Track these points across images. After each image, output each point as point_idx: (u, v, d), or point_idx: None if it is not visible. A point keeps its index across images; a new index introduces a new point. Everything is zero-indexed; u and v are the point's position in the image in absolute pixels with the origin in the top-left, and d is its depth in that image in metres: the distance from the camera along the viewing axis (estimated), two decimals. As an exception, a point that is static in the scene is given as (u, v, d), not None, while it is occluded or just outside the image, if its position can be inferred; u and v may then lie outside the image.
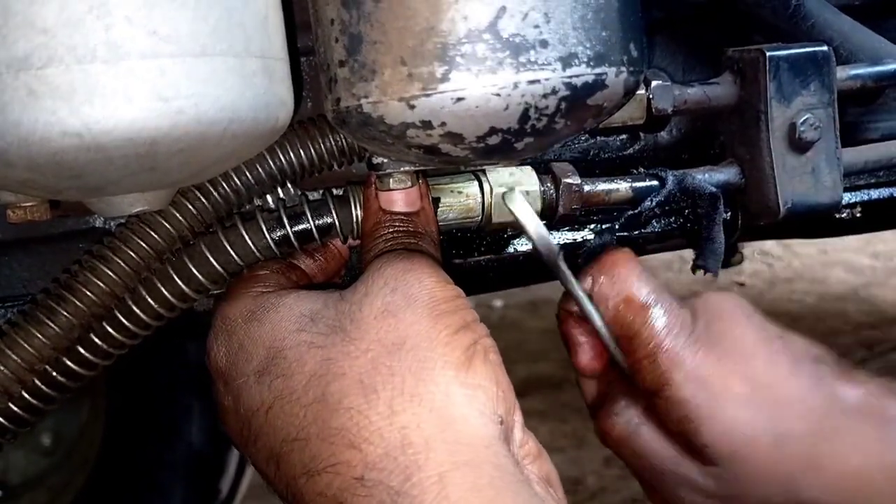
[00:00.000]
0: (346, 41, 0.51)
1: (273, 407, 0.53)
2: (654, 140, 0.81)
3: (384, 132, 0.52)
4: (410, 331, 0.52)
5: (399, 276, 0.54)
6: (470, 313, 0.55)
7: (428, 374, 0.50)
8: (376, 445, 0.49)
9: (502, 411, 0.52)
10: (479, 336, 0.54)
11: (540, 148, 0.55)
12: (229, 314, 0.58)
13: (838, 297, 2.83)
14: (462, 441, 0.49)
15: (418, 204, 0.62)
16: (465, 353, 0.52)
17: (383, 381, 0.50)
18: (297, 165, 0.65)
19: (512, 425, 0.53)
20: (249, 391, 0.54)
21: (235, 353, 0.56)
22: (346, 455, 0.49)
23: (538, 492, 0.51)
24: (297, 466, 0.51)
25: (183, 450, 1.64)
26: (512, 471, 0.49)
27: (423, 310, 0.53)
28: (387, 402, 0.50)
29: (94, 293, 0.62)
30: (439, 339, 0.52)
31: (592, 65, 0.50)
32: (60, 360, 0.63)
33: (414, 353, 0.51)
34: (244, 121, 0.48)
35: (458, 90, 0.49)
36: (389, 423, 0.49)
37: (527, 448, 0.53)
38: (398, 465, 0.48)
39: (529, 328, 2.75)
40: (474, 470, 0.48)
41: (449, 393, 0.50)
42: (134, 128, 0.44)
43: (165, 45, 0.45)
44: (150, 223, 0.62)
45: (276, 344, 0.54)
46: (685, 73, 0.81)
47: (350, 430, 0.49)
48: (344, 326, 0.53)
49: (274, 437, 0.52)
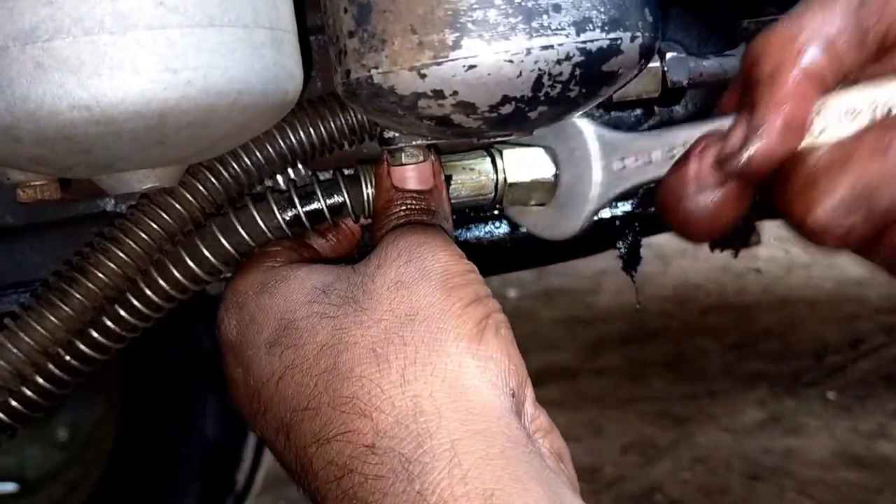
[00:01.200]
0: (355, 11, 0.50)
1: (283, 377, 0.52)
2: (669, 114, 0.79)
3: (395, 103, 0.51)
4: (423, 302, 0.51)
5: (413, 249, 0.54)
6: (483, 288, 0.54)
7: (440, 345, 0.50)
8: (388, 414, 0.48)
9: (514, 384, 0.51)
10: (492, 310, 0.53)
11: (554, 117, 0.54)
12: (240, 287, 0.58)
13: (856, 282, 2.81)
14: (474, 411, 0.48)
15: (431, 181, 0.62)
16: (478, 326, 0.51)
17: (395, 351, 0.50)
18: (307, 145, 0.65)
19: (523, 399, 0.52)
20: (260, 362, 0.54)
21: (246, 324, 0.56)
22: (356, 423, 0.49)
23: (550, 465, 0.50)
24: (307, 435, 0.50)
25: (198, 442, 1.64)
26: (524, 442, 0.49)
27: (436, 282, 0.52)
28: (399, 371, 0.49)
29: (106, 275, 0.61)
30: (452, 311, 0.51)
31: (607, 29, 0.48)
32: (73, 344, 0.63)
33: (427, 324, 0.51)
34: (253, 93, 0.47)
35: (469, 57, 0.48)
36: (401, 391, 0.49)
37: (538, 423, 0.52)
38: (410, 433, 0.47)
39: (544, 318, 2.74)
40: (486, 439, 0.47)
41: (461, 363, 0.50)
42: (142, 100, 0.44)
43: (173, 16, 0.44)
44: (161, 205, 0.62)
45: (288, 315, 0.54)
46: (700, 45, 0.80)
47: (361, 398, 0.49)
48: (356, 297, 0.53)
49: (284, 407, 0.52)
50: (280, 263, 0.59)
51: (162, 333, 1.55)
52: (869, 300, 2.67)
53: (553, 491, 0.47)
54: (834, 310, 2.62)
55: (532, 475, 0.47)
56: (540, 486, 0.46)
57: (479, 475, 0.46)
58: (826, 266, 2.95)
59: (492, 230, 0.79)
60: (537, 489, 0.46)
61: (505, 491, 0.45)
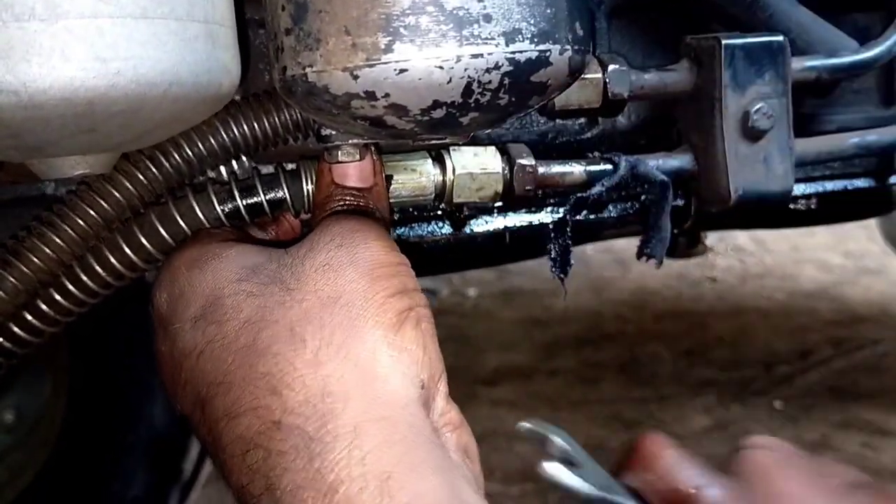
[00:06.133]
0: (292, 9, 0.51)
1: (204, 351, 0.53)
2: (612, 125, 0.81)
3: (329, 102, 0.52)
4: (348, 287, 0.52)
5: (346, 234, 0.55)
6: (411, 281, 0.55)
7: (357, 332, 0.51)
8: (297, 392, 0.49)
9: (425, 377, 0.52)
10: (416, 304, 0.54)
11: (486, 123, 0.55)
12: (174, 262, 0.58)
13: (809, 294, 2.86)
14: (381, 398, 0.49)
15: (371, 180, 0.63)
16: (398, 317, 0.52)
17: (313, 332, 0.51)
18: (250, 138, 0.65)
19: (435, 393, 0.53)
20: (184, 336, 0.54)
21: (176, 299, 0.56)
22: (266, 399, 0.49)
23: (453, 458, 0.51)
24: (220, 409, 0.51)
25: (145, 430, 1.63)
26: (427, 433, 0.50)
27: (363, 269, 0.53)
28: (313, 352, 0.50)
29: (40, 259, 0.62)
30: (375, 299, 0.52)
31: (536, 41, 0.50)
32: (5, 326, 0.63)
33: (347, 309, 0.51)
34: (184, 84, 0.48)
35: (401, 61, 0.49)
36: (313, 371, 0.49)
37: (447, 417, 0.53)
38: (316, 412, 0.48)
39: (502, 318, 2.76)
40: (389, 426, 0.48)
41: (375, 351, 0.51)
42: (71, 87, 0.44)
43: (105, 6, 0.44)
44: (100, 191, 0.62)
45: (216, 292, 0.54)
46: (645, 58, 0.82)
47: (274, 375, 0.50)
48: (284, 278, 0.53)
49: (202, 380, 0.53)
50: (215, 241, 0.59)
51: (113, 320, 1.53)
52: (820, 313, 2.72)
53: (449, 481, 0.48)
54: (785, 321, 2.67)
55: (431, 464, 0.48)
56: (437, 475, 0.48)
57: (378, 459, 0.47)
58: (779, 278, 3.01)
59: (434, 230, 0.81)
60: (433, 477, 0.47)
61: (401, 475, 0.46)
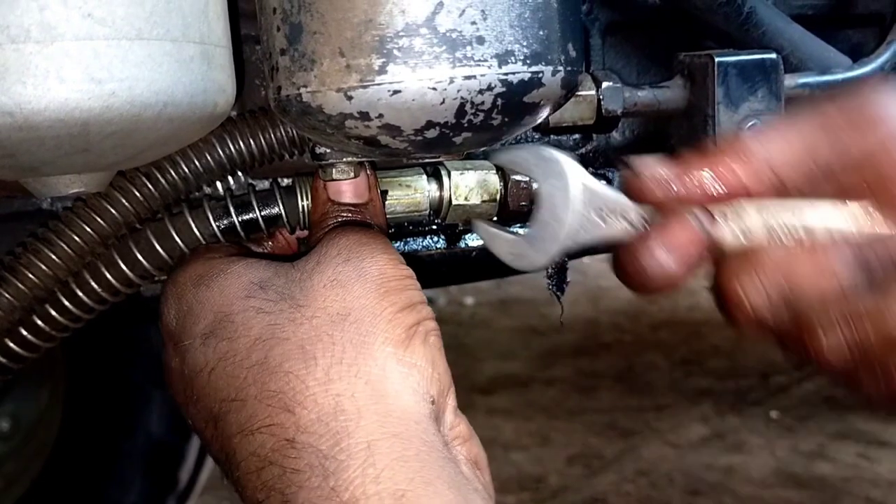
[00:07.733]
0: (287, 30, 0.51)
1: (216, 368, 0.53)
2: (606, 140, 0.81)
3: (323, 122, 0.52)
4: (357, 303, 0.52)
5: (353, 248, 0.55)
6: (418, 294, 0.55)
7: (367, 348, 0.51)
8: (310, 410, 0.49)
9: (435, 392, 0.52)
10: (423, 318, 0.54)
11: (480, 143, 0.55)
12: (180, 278, 0.59)
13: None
14: (393, 414, 0.50)
15: (366, 195, 0.63)
16: (407, 332, 0.53)
17: (324, 349, 0.51)
18: (246, 155, 0.65)
19: (444, 407, 0.53)
20: (195, 352, 0.55)
21: (184, 315, 0.56)
22: (280, 417, 0.50)
23: (464, 471, 0.51)
24: (234, 426, 0.51)
25: (142, 439, 1.63)
26: (439, 448, 0.50)
27: (371, 284, 0.53)
28: (325, 370, 0.50)
29: (36, 276, 0.62)
30: (384, 315, 0.52)
31: (529, 63, 0.50)
32: (1, 342, 0.63)
33: (357, 325, 0.52)
34: (180, 105, 0.48)
35: (394, 83, 0.49)
36: (325, 389, 0.50)
37: (457, 430, 0.54)
38: (329, 430, 0.49)
39: (499, 327, 2.76)
40: (402, 442, 0.49)
41: (385, 368, 0.51)
42: (66, 108, 0.45)
43: (100, 28, 0.45)
44: (96, 208, 0.62)
45: (224, 309, 0.54)
46: (639, 75, 0.82)
47: (287, 393, 0.50)
48: (293, 294, 0.54)
49: (214, 397, 0.53)
50: (220, 256, 0.60)
51: (111, 330, 1.53)
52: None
53: (464, 496, 0.48)
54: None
55: (444, 479, 0.48)
56: (451, 489, 0.48)
57: (392, 476, 0.47)
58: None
59: (429, 244, 0.81)
60: (448, 493, 0.48)
61: (416, 492, 0.47)
